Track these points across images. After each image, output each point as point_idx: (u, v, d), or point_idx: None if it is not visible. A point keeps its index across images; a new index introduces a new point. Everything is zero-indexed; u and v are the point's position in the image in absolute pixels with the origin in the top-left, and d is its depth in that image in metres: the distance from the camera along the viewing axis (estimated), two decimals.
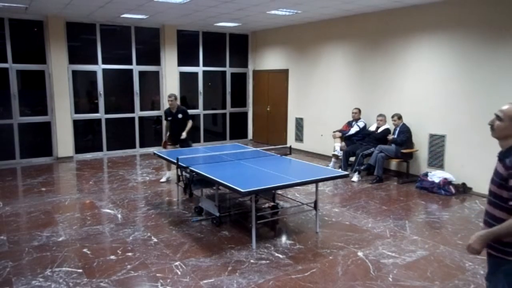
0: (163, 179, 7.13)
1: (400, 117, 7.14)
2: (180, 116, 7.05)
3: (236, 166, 5.26)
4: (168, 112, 7.13)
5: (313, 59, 9.39)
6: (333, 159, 7.98)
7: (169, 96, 7.08)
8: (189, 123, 7.08)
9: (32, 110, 8.81)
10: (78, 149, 9.24)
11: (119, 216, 5.34)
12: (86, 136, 9.53)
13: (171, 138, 7.15)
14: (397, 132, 7.12)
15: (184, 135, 6.93)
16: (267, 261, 4.01)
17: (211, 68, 10.90)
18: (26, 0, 6.92)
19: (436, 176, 6.49)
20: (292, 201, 5.88)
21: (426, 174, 6.67)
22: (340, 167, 7.61)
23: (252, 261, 4.02)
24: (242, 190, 4.01)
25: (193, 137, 10.61)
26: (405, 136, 6.99)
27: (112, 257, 4.11)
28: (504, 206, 2.13)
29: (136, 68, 9.74)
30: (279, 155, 5.93)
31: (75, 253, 4.18)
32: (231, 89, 11.32)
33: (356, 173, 7.19)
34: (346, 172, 5.16)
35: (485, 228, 2.24)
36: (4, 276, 3.70)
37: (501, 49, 5.95)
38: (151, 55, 9.98)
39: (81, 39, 9.16)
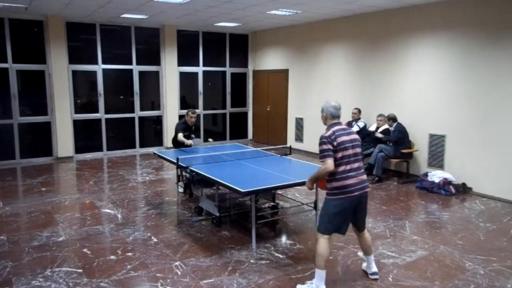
0: (181, 190, 6.39)
1: (391, 119, 7.15)
2: (193, 133, 6.84)
3: (236, 166, 5.26)
4: (185, 127, 6.63)
5: (313, 59, 9.39)
6: None
7: (193, 112, 6.66)
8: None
9: (32, 110, 8.81)
10: (78, 149, 9.24)
11: (119, 216, 5.34)
12: (92, 137, 9.52)
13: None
14: (391, 132, 7.16)
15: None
16: (267, 261, 4.02)
17: (211, 68, 10.89)
18: (26, 0, 6.92)
19: (436, 176, 6.49)
20: (292, 201, 5.88)
21: (426, 174, 6.67)
22: None
23: (252, 261, 4.02)
24: (242, 190, 4.02)
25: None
26: (396, 136, 6.99)
27: (112, 257, 4.11)
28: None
29: (136, 68, 9.74)
30: (279, 155, 5.93)
31: (75, 253, 4.18)
32: (231, 89, 11.32)
33: None
34: None
35: None
36: (4, 276, 3.70)
37: (501, 49, 5.95)
38: (151, 55, 9.98)
39: (81, 39, 9.16)
